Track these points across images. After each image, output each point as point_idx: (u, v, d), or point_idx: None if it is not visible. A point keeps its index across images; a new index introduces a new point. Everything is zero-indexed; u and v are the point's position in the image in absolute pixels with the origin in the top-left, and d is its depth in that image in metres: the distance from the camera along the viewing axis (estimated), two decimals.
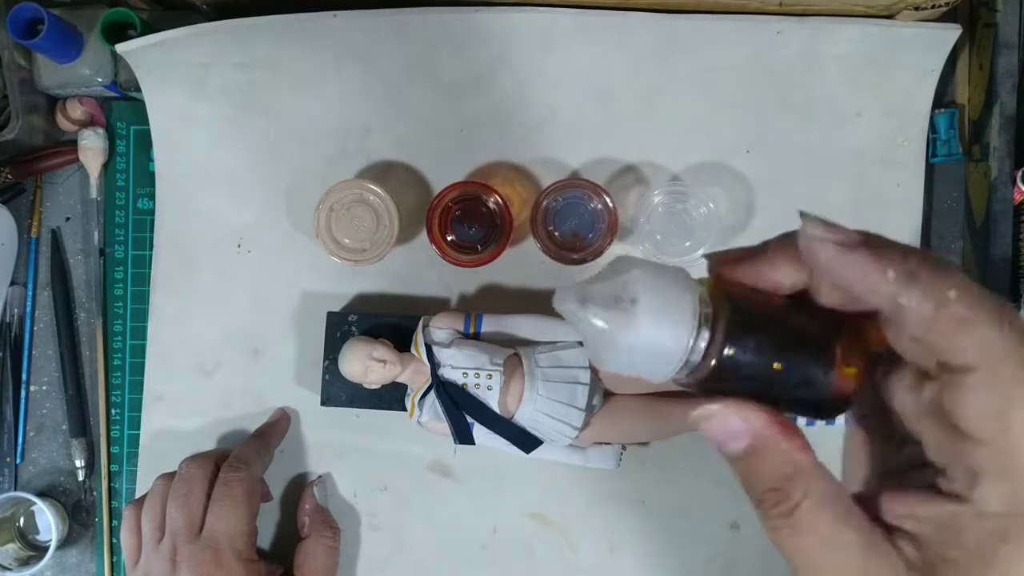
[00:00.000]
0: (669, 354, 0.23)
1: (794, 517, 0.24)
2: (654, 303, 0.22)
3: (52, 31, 0.56)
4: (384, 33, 0.60)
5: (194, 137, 0.61)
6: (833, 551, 0.23)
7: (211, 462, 0.55)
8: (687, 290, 0.23)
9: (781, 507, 0.24)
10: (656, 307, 0.22)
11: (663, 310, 0.22)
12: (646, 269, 0.23)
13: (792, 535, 0.24)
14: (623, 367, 0.23)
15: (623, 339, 0.22)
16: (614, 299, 0.22)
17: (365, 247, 0.57)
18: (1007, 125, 0.58)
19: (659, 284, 0.22)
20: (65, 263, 0.64)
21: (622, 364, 0.23)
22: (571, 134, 0.61)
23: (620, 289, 0.22)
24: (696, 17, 0.59)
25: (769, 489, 0.24)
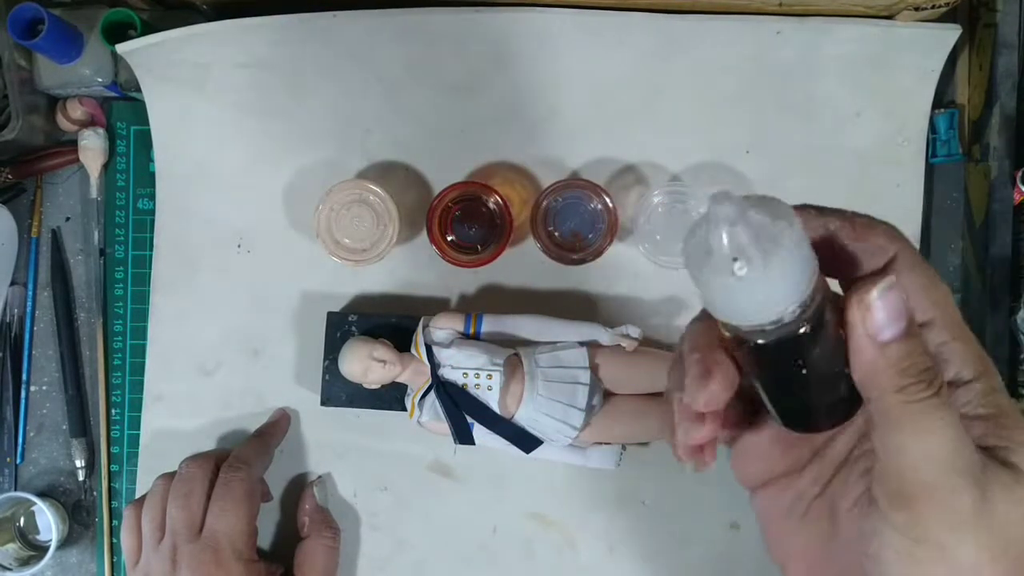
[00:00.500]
0: (768, 306, 0.23)
1: (941, 398, 0.23)
2: (792, 257, 0.22)
3: (52, 31, 0.56)
4: (384, 33, 0.60)
5: (194, 137, 0.61)
6: (965, 436, 0.23)
7: (211, 462, 0.55)
8: (813, 258, 0.23)
9: (931, 389, 0.23)
10: (791, 262, 0.22)
11: (794, 267, 0.22)
12: (797, 227, 0.22)
13: (934, 419, 0.23)
14: (719, 290, 0.23)
15: (749, 274, 0.22)
16: (767, 236, 0.22)
17: (365, 247, 0.58)
18: (1007, 125, 0.58)
19: (802, 242, 0.23)
20: (65, 263, 0.64)
21: (723, 287, 0.23)
22: (571, 134, 0.61)
23: (775, 230, 0.22)
24: (696, 17, 0.59)
25: (918, 371, 0.23)
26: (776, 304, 0.23)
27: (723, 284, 0.22)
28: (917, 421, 0.23)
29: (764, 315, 0.23)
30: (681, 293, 0.60)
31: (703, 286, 0.23)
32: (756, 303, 0.23)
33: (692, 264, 0.23)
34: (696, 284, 0.24)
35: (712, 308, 0.24)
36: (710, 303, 0.24)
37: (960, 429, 0.23)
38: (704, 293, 0.24)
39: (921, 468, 0.23)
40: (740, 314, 0.24)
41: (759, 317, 0.23)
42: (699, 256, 0.23)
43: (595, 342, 0.56)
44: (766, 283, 0.22)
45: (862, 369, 0.24)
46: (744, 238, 0.22)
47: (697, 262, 0.23)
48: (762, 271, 0.22)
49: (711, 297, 0.24)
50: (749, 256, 0.22)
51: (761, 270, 0.22)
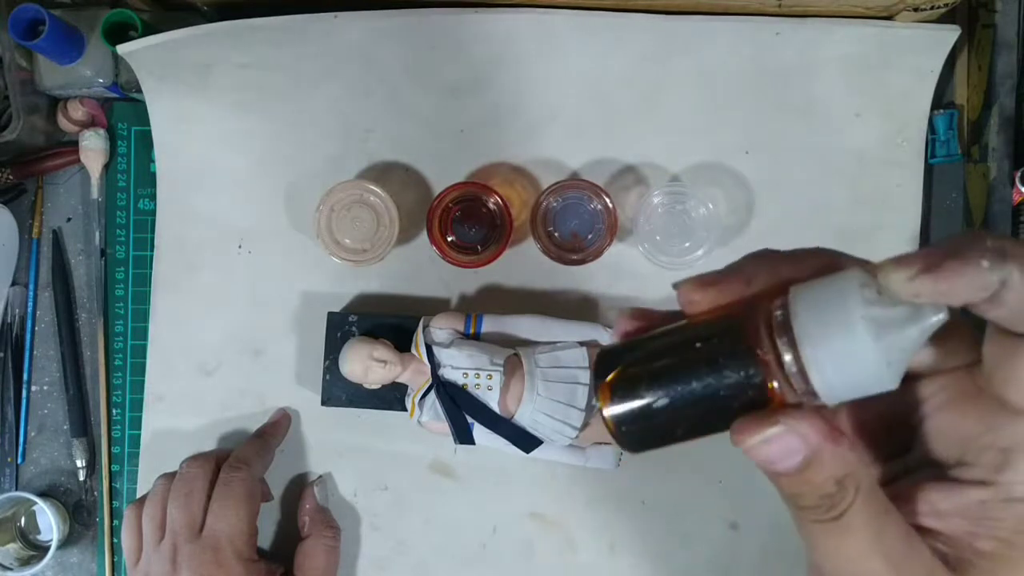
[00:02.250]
0: (830, 377, 0.21)
1: (843, 520, 0.22)
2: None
3: (53, 32, 0.56)
4: (384, 34, 0.60)
5: (195, 138, 0.62)
6: (878, 552, 0.22)
7: (212, 462, 0.55)
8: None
9: (832, 512, 0.22)
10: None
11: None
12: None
13: (840, 538, 0.22)
14: (851, 337, 0.21)
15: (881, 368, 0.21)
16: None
17: (365, 247, 0.58)
18: (1006, 126, 0.58)
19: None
20: (66, 263, 0.64)
21: (858, 339, 0.21)
22: (571, 135, 0.61)
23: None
24: (695, 18, 0.59)
25: (822, 496, 0.22)
26: (838, 381, 0.21)
27: (860, 333, 0.20)
28: (818, 539, 0.23)
29: (822, 371, 0.21)
30: None
31: (839, 303, 0.21)
32: (840, 362, 0.21)
33: (854, 286, 0.21)
34: (837, 293, 0.21)
35: (812, 310, 0.22)
36: (820, 311, 0.21)
37: (869, 550, 0.22)
38: (829, 304, 0.21)
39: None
40: (818, 344, 0.21)
41: (818, 366, 0.21)
42: (865, 297, 0.21)
43: (595, 342, 0.56)
44: (870, 370, 0.21)
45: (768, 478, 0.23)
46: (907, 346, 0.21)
47: (858, 293, 0.21)
48: (884, 367, 0.21)
49: (831, 314, 0.21)
50: (896, 350, 0.21)
51: (885, 366, 0.21)
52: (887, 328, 0.21)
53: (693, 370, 0.23)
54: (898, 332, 0.21)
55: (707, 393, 0.23)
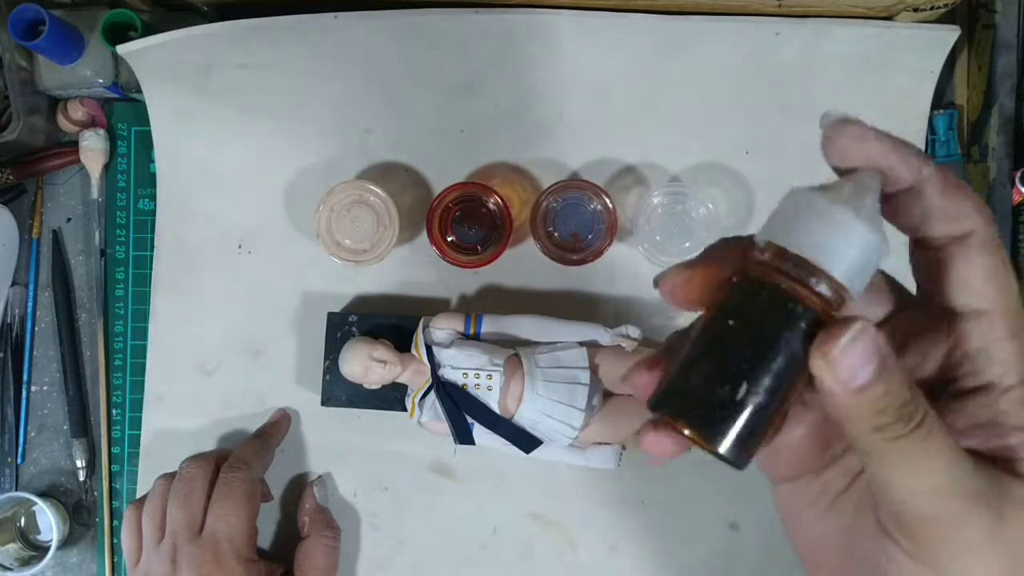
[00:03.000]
0: (845, 259, 0.22)
1: (926, 426, 0.22)
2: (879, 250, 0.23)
3: (53, 32, 0.56)
4: (384, 34, 0.60)
5: (195, 138, 0.62)
6: (960, 463, 0.22)
7: (212, 462, 0.55)
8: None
9: (914, 420, 0.22)
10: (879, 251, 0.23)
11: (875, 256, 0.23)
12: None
13: (928, 450, 0.22)
14: (825, 218, 0.22)
15: (865, 222, 0.22)
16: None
17: (365, 248, 0.58)
18: (1006, 126, 0.58)
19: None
20: (66, 264, 0.64)
21: (834, 217, 0.22)
22: (571, 135, 0.61)
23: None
24: (695, 19, 0.59)
25: (902, 405, 0.22)
26: (850, 264, 0.22)
27: (838, 214, 0.22)
28: (902, 458, 0.22)
29: (835, 264, 0.22)
30: None
31: (806, 209, 0.22)
32: (841, 248, 0.22)
33: (806, 194, 0.23)
34: (794, 208, 0.23)
35: (790, 230, 0.22)
36: (796, 225, 0.22)
37: (955, 456, 0.22)
38: (798, 216, 0.22)
39: (916, 502, 0.22)
40: (817, 247, 0.22)
41: (830, 262, 0.22)
42: (820, 193, 0.23)
43: (595, 342, 0.56)
44: (865, 239, 0.22)
45: (835, 411, 0.23)
46: (875, 206, 0.23)
47: (814, 194, 0.23)
48: (873, 232, 0.22)
49: (806, 222, 0.22)
50: (871, 216, 0.22)
51: (874, 231, 0.22)
52: (851, 201, 0.22)
53: (748, 345, 0.23)
54: (861, 199, 0.22)
55: (775, 356, 0.22)
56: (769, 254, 0.23)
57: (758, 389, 0.23)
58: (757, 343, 0.23)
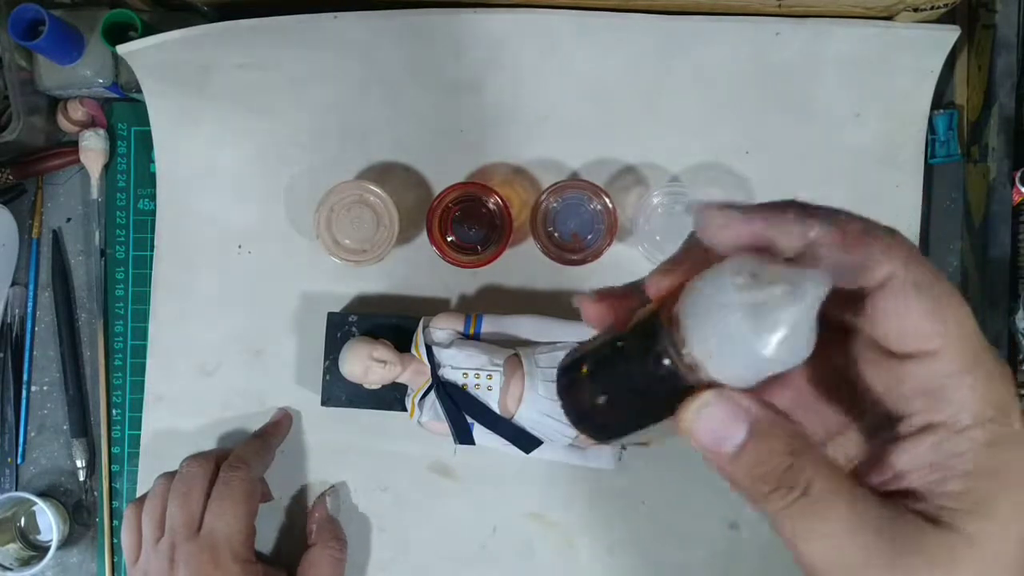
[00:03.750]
0: (731, 357, 0.22)
1: (812, 493, 0.21)
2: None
3: (53, 32, 0.56)
4: (384, 34, 0.60)
5: (195, 138, 0.62)
6: (860, 523, 0.21)
7: (212, 461, 0.55)
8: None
9: (797, 489, 0.21)
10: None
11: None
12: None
13: (817, 516, 0.21)
14: (736, 320, 0.22)
15: (775, 351, 0.21)
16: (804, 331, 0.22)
17: (365, 248, 0.58)
18: (1005, 126, 0.58)
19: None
20: (66, 264, 0.64)
21: (744, 324, 0.22)
22: (571, 135, 0.61)
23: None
24: (695, 18, 0.59)
25: (782, 472, 0.21)
26: (724, 352, 0.22)
27: (728, 301, 0.22)
28: (790, 524, 0.22)
29: (707, 346, 0.22)
30: None
31: (712, 283, 0.22)
32: (719, 335, 0.22)
33: (727, 267, 0.22)
34: (712, 276, 0.22)
35: (693, 293, 0.23)
36: (700, 292, 0.23)
37: (852, 522, 0.21)
38: (707, 284, 0.22)
39: (816, 567, 0.22)
40: (696, 317, 0.22)
41: (702, 342, 0.22)
42: (734, 271, 0.22)
43: None
44: (746, 342, 0.21)
45: (725, 478, 0.23)
46: (795, 320, 0.21)
47: (727, 272, 0.22)
48: (757, 337, 0.21)
49: (705, 295, 0.22)
50: (785, 340, 0.21)
51: (759, 335, 0.21)
52: (768, 309, 0.21)
53: (621, 371, 0.24)
54: (781, 310, 0.21)
55: (638, 389, 0.24)
56: (665, 308, 0.24)
57: (624, 411, 0.25)
58: (632, 379, 0.24)
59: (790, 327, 0.21)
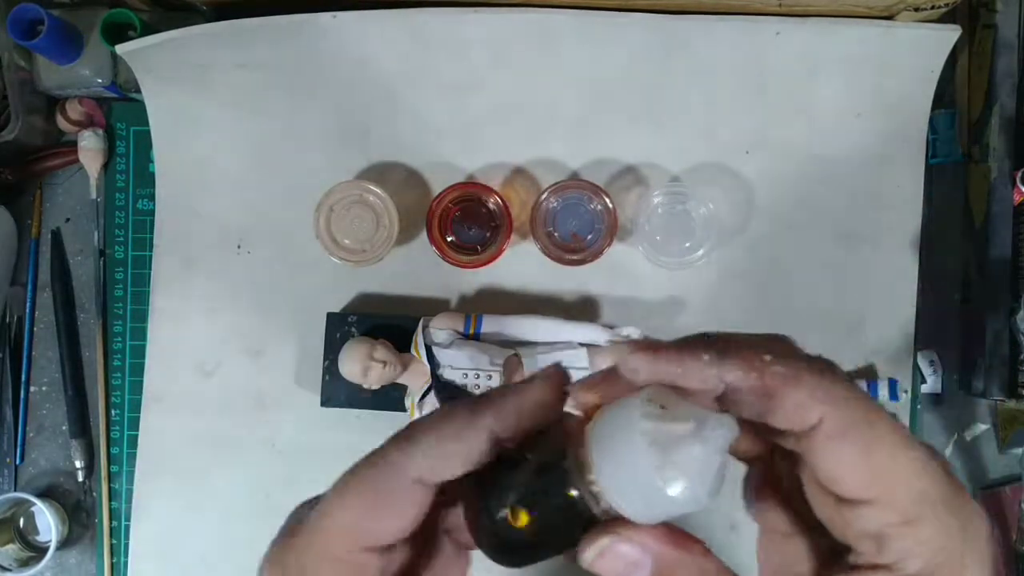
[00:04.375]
0: (631, 497, 0.22)
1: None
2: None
3: (52, 32, 0.56)
4: (384, 33, 0.60)
5: (194, 138, 0.61)
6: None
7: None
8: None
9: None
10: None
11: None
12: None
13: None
14: (640, 470, 0.21)
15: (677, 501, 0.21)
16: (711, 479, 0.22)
17: (365, 248, 0.58)
18: (1006, 126, 0.58)
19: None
20: (65, 264, 0.64)
21: (644, 474, 0.21)
22: (571, 134, 0.61)
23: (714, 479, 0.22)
24: (696, 18, 0.59)
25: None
26: (648, 515, 0.22)
27: (647, 475, 0.21)
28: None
29: (637, 510, 0.22)
30: (680, 293, 0.60)
31: (625, 418, 0.22)
32: (647, 503, 0.22)
33: (636, 406, 0.22)
34: (623, 410, 0.22)
35: (607, 423, 0.22)
36: (612, 426, 0.22)
37: None
38: (619, 419, 0.22)
39: None
40: (604, 452, 0.22)
41: (604, 476, 0.22)
42: (644, 409, 0.22)
43: (595, 342, 0.56)
44: (648, 482, 0.21)
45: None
46: (701, 481, 0.21)
47: (638, 411, 0.21)
48: (658, 477, 0.21)
49: (618, 432, 0.22)
50: (686, 482, 0.21)
51: (663, 477, 0.21)
52: (671, 446, 0.21)
53: (535, 500, 0.23)
54: (684, 449, 0.21)
55: (549, 518, 0.23)
56: (581, 455, 0.23)
57: (537, 538, 0.24)
58: (542, 508, 0.23)
59: (692, 470, 0.21)
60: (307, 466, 0.61)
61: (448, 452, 0.23)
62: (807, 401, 0.21)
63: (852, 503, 0.21)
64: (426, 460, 0.23)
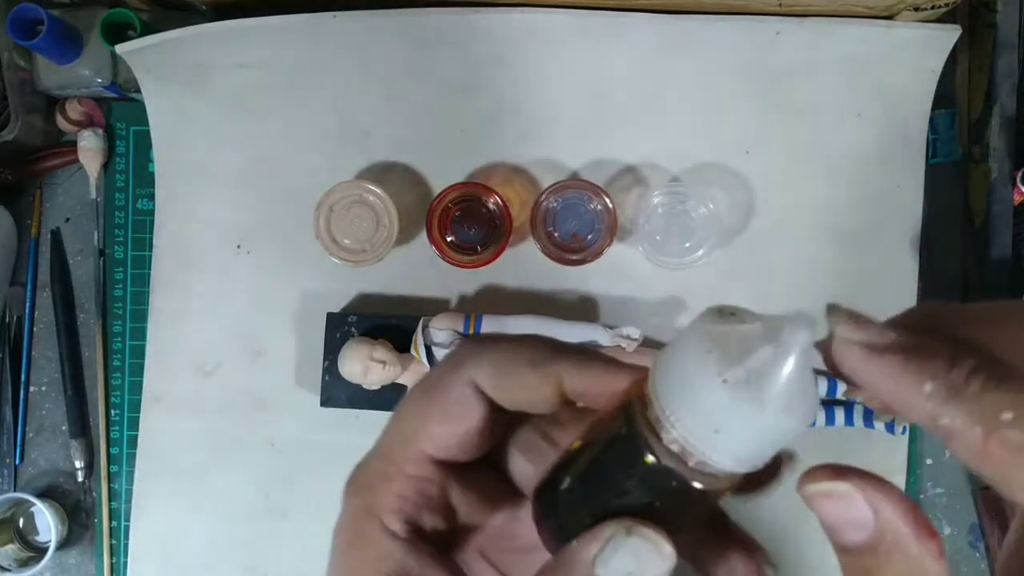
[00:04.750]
0: (741, 445, 0.20)
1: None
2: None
3: (52, 31, 0.56)
4: (384, 33, 0.60)
5: (194, 138, 0.61)
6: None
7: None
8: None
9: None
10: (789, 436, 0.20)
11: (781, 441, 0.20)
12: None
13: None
14: (724, 399, 0.19)
15: (779, 419, 0.19)
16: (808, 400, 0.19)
17: (365, 248, 0.57)
18: (1007, 126, 0.58)
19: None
20: (65, 264, 0.64)
21: (735, 401, 0.19)
22: (571, 135, 0.61)
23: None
24: (696, 18, 0.59)
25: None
26: (744, 453, 0.19)
27: (730, 403, 0.18)
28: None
29: (729, 450, 0.19)
30: (681, 293, 0.60)
31: (696, 378, 0.19)
32: (738, 436, 0.19)
33: (703, 360, 0.19)
34: (688, 369, 0.19)
35: (676, 392, 0.19)
36: (684, 391, 0.19)
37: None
38: (688, 381, 0.19)
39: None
40: (696, 431, 0.19)
41: (710, 450, 0.19)
42: (718, 362, 0.19)
43: (595, 342, 0.56)
44: (766, 433, 0.19)
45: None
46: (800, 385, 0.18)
47: (712, 364, 0.19)
48: (765, 417, 0.18)
49: (693, 396, 0.19)
50: (791, 406, 0.18)
51: (769, 415, 0.18)
52: (753, 378, 0.19)
53: (612, 491, 0.21)
54: (766, 376, 0.19)
55: (632, 504, 0.21)
56: (649, 412, 0.20)
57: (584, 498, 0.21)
58: (628, 498, 0.21)
59: (790, 386, 0.19)
60: (307, 466, 0.61)
61: (512, 372, 0.22)
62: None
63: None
64: (489, 368, 0.22)
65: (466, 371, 0.23)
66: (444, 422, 0.23)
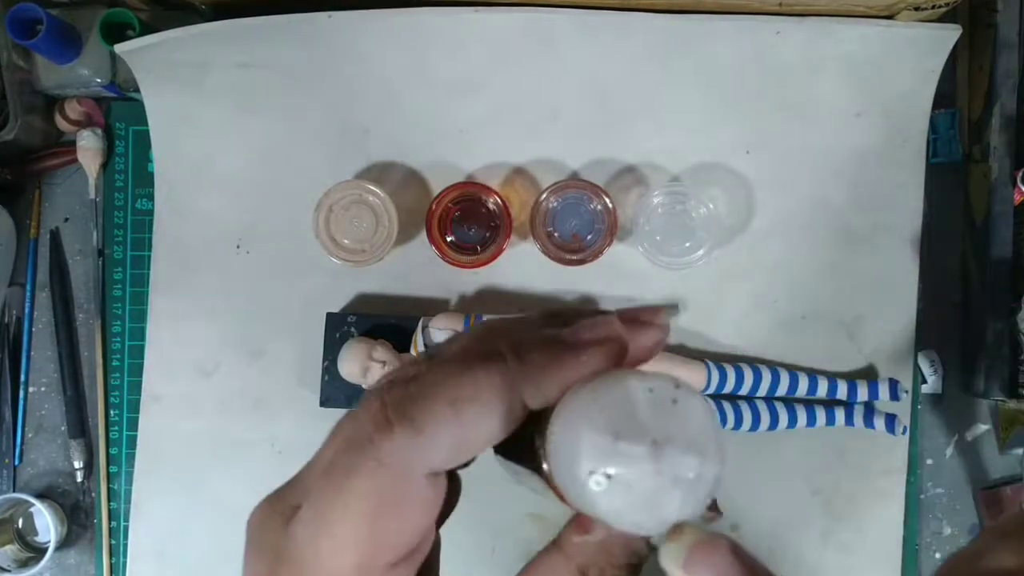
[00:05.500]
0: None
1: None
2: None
3: (51, 31, 0.56)
4: (383, 33, 0.60)
5: (193, 137, 0.61)
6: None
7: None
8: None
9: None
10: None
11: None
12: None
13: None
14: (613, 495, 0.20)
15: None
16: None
17: (364, 248, 0.57)
18: (1007, 125, 0.58)
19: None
20: (64, 264, 0.64)
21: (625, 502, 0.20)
22: (571, 134, 0.61)
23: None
24: (696, 17, 0.59)
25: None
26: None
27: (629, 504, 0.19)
28: None
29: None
30: (681, 293, 0.60)
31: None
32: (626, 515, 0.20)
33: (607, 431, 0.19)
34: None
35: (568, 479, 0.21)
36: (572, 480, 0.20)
37: None
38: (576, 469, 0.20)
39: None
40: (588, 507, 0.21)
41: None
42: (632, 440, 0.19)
43: None
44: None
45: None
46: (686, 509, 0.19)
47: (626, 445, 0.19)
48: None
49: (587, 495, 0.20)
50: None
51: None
52: (617, 454, 0.19)
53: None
54: (631, 465, 0.19)
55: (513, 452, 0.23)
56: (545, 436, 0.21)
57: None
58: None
59: (629, 490, 0.19)
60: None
61: (469, 439, 0.21)
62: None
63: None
64: (441, 454, 0.21)
65: (417, 469, 0.21)
66: (412, 519, 0.21)
